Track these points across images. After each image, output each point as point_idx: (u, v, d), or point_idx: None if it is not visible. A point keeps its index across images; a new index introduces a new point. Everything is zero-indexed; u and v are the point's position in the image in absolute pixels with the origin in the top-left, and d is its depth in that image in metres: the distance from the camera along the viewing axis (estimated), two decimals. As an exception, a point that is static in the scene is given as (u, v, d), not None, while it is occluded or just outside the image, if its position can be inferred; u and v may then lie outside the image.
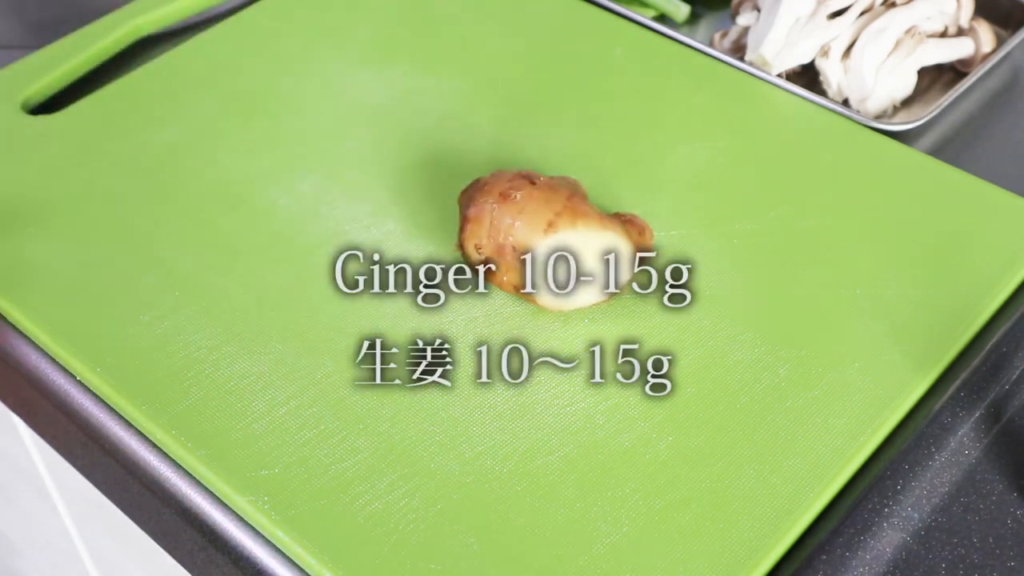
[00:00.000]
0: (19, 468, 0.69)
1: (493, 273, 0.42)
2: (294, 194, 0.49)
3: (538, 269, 0.41)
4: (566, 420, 0.40)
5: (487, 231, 0.41)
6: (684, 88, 0.54)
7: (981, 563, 0.37)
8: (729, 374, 0.42)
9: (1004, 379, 0.43)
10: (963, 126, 0.55)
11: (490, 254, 0.41)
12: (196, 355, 0.42)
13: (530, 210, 0.41)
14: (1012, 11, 0.59)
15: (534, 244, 0.41)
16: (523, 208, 0.41)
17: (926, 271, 0.46)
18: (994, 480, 0.40)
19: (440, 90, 0.54)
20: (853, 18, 0.56)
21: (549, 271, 0.41)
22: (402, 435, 0.40)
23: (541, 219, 0.41)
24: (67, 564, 0.78)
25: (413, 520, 0.37)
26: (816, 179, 0.50)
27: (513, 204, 0.41)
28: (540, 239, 0.41)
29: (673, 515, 0.37)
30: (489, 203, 0.41)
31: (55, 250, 0.46)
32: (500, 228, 0.41)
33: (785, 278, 0.45)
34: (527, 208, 0.41)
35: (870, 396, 0.41)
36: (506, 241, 0.41)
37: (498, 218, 0.41)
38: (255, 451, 0.39)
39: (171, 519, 0.40)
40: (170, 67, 0.55)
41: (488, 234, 0.41)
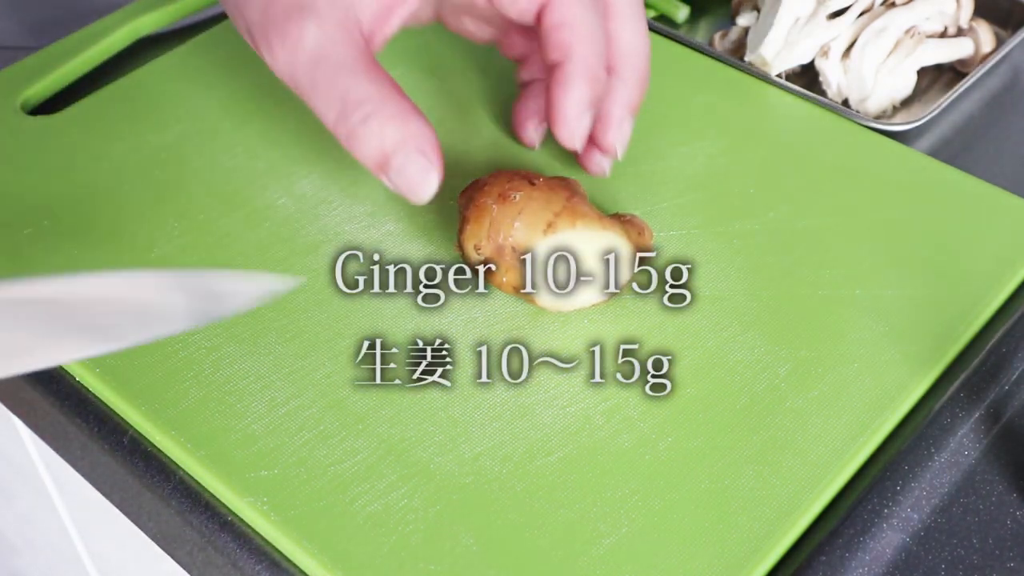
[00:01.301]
0: (19, 468, 0.69)
1: (493, 273, 0.42)
2: (293, 194, 0.49)
3: (538, 269, 0.41)
4: (566, 421, 0.40)
5: (486, 232, 0.41)
6: (684, 88, 0.54)
7: (981, 564, 0.37)
8: (729, 374, 0.42)
9: (1004, 379, 0.43)
10: (963, 126, 0.55)
11: (489, 255, 0.41)
12: (195, 355, 0.42)
13: (529, 211, 0.41)
14: (1012, 11, 0.59)
15: (533, 244, 0.41)
16: (522, 209, 0.41)
17: (926, 271, 0.46)
18: (994, 481, 0.40)
19: (440, 90, 0.54)
20: (853, 18, 0.56)
21: (549, 271, 0.41)
22: (401, 436, 0.40)
23: (540, 220, 0.41)
24: (67, 564, 0.78)
25: (412, 521, 0.37)
26: (816, 179, 0.50)
27: (512, 205, 0.41)
28: (540, 239, 0.41)
29: (673, 516, 0.37)
30: (488, 204, 0.41)
31: (54, 250, 0.46)
32: (499, 229, 0.41)
33: (785, 278, 0.45)
34: (526, 209, 0.41)
35: (870, 396, 0.41)
36: (505, 242, 0.41)
37: (497, 219, 0.41)
38: (254, 452, 0.39)
39: (170, 520, 0.40)
40: (170, 67, 0.55)
41: (487, 235, 0.41)
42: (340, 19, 0.41)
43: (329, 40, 0.41)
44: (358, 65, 0.41)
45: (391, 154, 0.41)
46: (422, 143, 0.41)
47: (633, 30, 0.45)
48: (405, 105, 0.41)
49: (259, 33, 0.42)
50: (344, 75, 0.41)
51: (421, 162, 0.41)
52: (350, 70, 0.41)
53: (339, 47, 0.41)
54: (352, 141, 0.41)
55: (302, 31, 0.41)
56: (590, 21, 0.42)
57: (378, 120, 0.40)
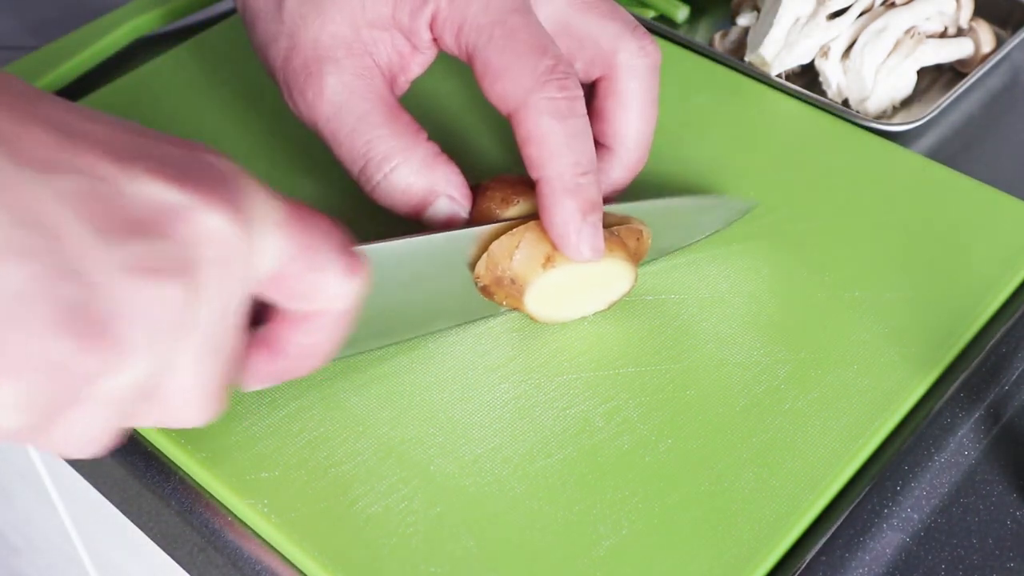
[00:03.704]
0: (19, 468, 0.69)
1: (491, 295, 0.41)
2: (293, 194, 0.48)
3: (538, 299, 0.41)
4: (565, 423, 0.40)
5: (484, 264, 0.40)
6: (684, 88, 0.54)
7: (981, 564, 0.37)
8: (728, 376, 0.42)
9: (1004, 380, 0.43)
10: (963, 126, 0.55)
11: (487, 284, 0.41)
12: (196, 357, 0.42)
13: (527, 243, 0.40)
14: (1012, 11, 0.59)
15: (532, 279, 0.40)
16: (519, 242, 0.40)
17: (925, 273, 0.46)
18: (994, 481, 0.40)
19: (440, 91, 0.54)
20: (853, 18, 0.56)
21: (550, 299, 0.41)
22: (402, 437, 0.40)
23: (539, 252, 0.40)
24: (67, 564, 0.78)
25: (413, 523, 0.37)
26: (816, 180, 0.50)
27: (510, 238, 0.40)
28: (539, 273, 0.40)
29: (672, 517, 0.37)
30: (492, 208, 0.41)
31: (55, 251, 0.46)
32: (497, 262, 0.40)
33: (784, 280, 0.45)
34: (524, 241, 0.40)
35: (869, 397, 0.41)
36: (504, 274, 0.40)
37: (495, 252, 0.40)
38: (255, 453, 0.39)
39: (171, 520, 0.40)
40: (170, 67, 0.55)
41: (486, 266, 0.40)
42: (359, 68, 0.41)
43: (349, 91, 0.40)
44: (379, 116, 0.40)
45: (419, 205, 0.41)
46: (449, 189, 0.41)
47: (637, 112, 0.43)
48: (428, 151, 0.41)
49: (281, 81, 0.42)
50: (366, 128, 0.40)
51: (450, 206, 0.41)
52: (371, 123, 0.40)
53: (359, 99, 0.40)
54: (378, 195, 0.41)
55: (322, 83, 0.40)
56: (558, 132, 0.39)
57: (403, 173, 0.40)
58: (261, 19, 0.42)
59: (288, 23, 0.41)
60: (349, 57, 0.40)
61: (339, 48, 0.40)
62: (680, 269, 0.45)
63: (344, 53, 0.40)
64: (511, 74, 0.39)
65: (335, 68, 0.40)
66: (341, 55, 0.40)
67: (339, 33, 0.41)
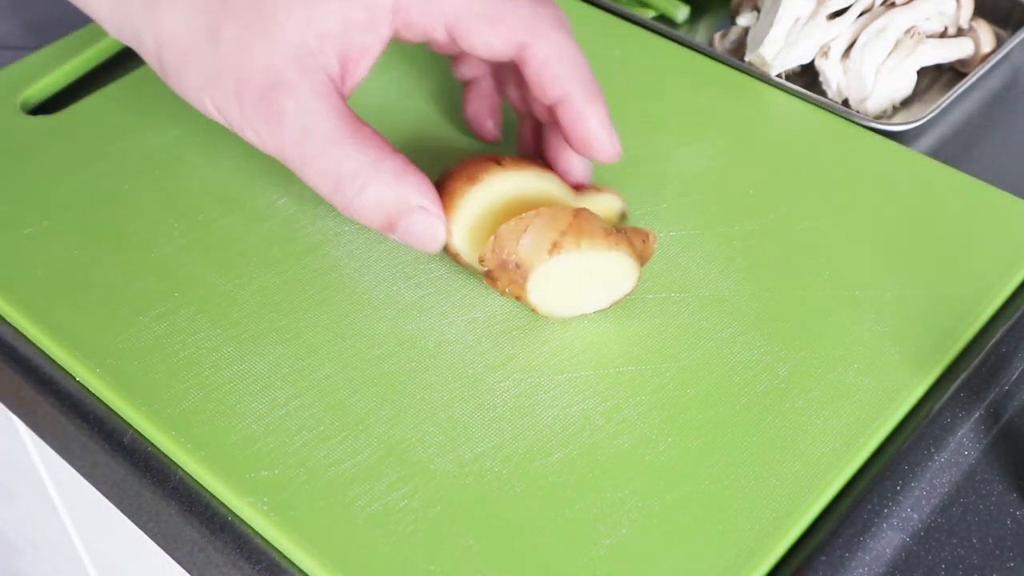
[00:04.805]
0: (19, 468, 0.69)
1: (494, 280, 0.41)
2: (293, 194, 0.49)
3: (541, 287, 0.41)
4: (565, 421, 0.40)
5: (491, 247, 0.41)
6: (684, 88, 0.54)
7: (981, 564, 0.37)
8: (729, 375, 0.42)
9: (1004, 379, 0.43)
10: (963, 126, 0.55)
11: (492, 268, 0.41)
12: (195, 356, 0.42)
13: (535, 229, 0.40)
14: (1012, 11, 0.60)
15: (538, 263, 0.40)
16: (527, 227, 0.40)
17: (926, 272, 0.46)
18: (994, 481, 0.40)
19: (439, 91, 0.54)
20: (853, 18, 0.56)
21: (552, 288, 0.41)
22: (401, 436, 0.40)
23: (546, 239, 0.40)
24: (67, 564, 0.78)
25: (413, 521, 0.37)
26: (816, 179, 0.50)
27: (518, 222, 0.40)
28: (544, 259, 0.40)
29: (672, 516, 0.37)
30: (459, 187, 0.41)
31: (55, 250, 0.46)
32: (504, 245, 0.40)
33: (785, 278, 0.45)
34: (532, 226, 0.40)
35: (869, 397, 0.41)
36: (509, 258, 0.40)
37: (503, 235, 0.40)
38: (254, 452, 0.39)
39: (170, 520, 0.40)
40: (170, 67, 0.55)
41: (492, 249, 0.41)
42: (314, 86, 0.40)
43: (308, 112, 0.40)
44: (343, 134, 0.40)
45: (394, 218, 0.41)
46: (421, 200, 0.41)
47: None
48: (397, 164, 0.40)
49: (237, 116, 0.41)
50: (332, 148, 0.40)
51: (425, 218, 0.41)
52: (336, 142, 0.40)
53: (320, 119, 0.40)
54: (351, 211, 0.41)
55: (281, 110, 0.39)
56: (573, 44, 0.42)
57: (374, 189, 0.40)
58: (193, 61, 0.41)
59: (230, 56, 0.40)
60: (303, 76, 0.40)
61: (290, 70, 0.39)
62: (680, 268, 0.46)
63: (297, 74, 0.40)
64: (510, 9, 0.41)
65: (290, 92, 0.39)
66: (294, 76, 0.39)
67: (288, 53, 0.40)
